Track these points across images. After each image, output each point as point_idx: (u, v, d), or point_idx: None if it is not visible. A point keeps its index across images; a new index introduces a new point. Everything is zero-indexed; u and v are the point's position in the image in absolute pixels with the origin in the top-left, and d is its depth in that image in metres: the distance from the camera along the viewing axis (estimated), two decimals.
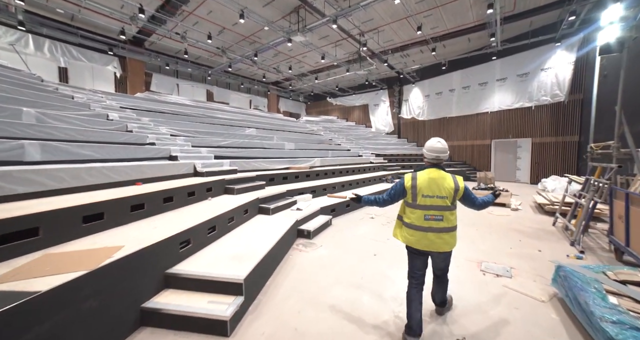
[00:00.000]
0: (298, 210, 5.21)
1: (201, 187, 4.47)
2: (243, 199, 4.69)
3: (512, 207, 6.66)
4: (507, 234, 4.75)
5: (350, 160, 11.82)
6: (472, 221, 5.65)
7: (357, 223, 5.58)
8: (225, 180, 5.26)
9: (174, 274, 2.44)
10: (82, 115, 5.63)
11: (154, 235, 2.53)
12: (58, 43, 11.25)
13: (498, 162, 13.61)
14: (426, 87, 16.57)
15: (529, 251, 3.89)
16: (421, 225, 2.07)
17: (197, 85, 16.54)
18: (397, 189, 2.21)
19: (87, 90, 8.90)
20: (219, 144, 7.98)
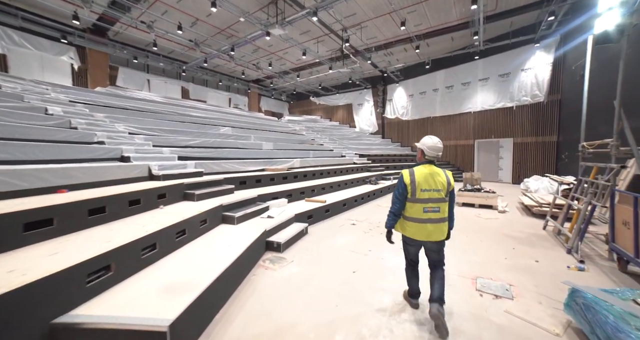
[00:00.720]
0: (269, 218, 4.57)
1: (150, 194, 3.73)
2: (204, 206, 4.00)
3: (500, 209, 6.36)
4: (499, 241, 4.35)
5: (332, 160, 11.28)
6: (461, 226, 5.24)
7: (336, 231, 5.00)
8: (185, 184, 4.52)
9: (66, 324, 1.72)
10: (7, 108, 4.69)
11: (44, 265, 1.82)
12: None
13: (481, 162, 13.58)
14: (410, 86, 16.39)
15: (526, 262, 3.47)
16: (420, 217, 2.22)
17: (171, 81, 15.43)
18: (400, 189, 2.29)
19: (28, 81, 7.79)
20: (187, 143, 7.18)
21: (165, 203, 4.03)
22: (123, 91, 10.92)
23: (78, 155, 4.35)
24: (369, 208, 7.18)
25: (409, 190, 2.23)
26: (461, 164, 14.47)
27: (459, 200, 7.24)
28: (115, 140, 5.48)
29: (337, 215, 6.27)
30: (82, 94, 8.24)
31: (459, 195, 7.25)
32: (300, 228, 4.62)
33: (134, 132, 6.61)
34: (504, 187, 10.75)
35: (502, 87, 12.32)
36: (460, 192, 7.25)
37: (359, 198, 7.53)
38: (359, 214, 6.46)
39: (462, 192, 7.19)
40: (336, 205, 6.36)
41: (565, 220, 4.53)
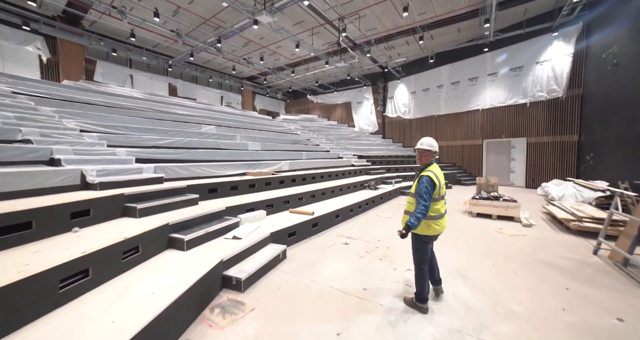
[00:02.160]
0: (234, 240, 3.51)
1: (58, 211, 2.68)
2: (145, 224, 2.96)
3: (524, 223, 5.29)
4: (540, 273, 3.27)
5: (328, 162, 10.24)
6: (483, 247, 4.18)
7: (323, 254, 3.94)
8: (127, 195, 3.47)
9: None
10: None
11: None
12: None
13: (491, 164, 12.50)
14: (412, 83, 15.34)
15: (601, 319, 2.32)
16: (443, 212, 2.45)
17: (157, 77, 14.40)
18: (431, 188, 2.34)
19: None
20: (155, 143, 6.14)
21: (93, 222, 2.98)
22: (96, 86, 9.90)
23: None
24: (366, 219, 6.12)
25: (437, 191, 2.36)
26: (468, 166, 13.39)
27: (472, 210, 6.19)
28: (50, 138, 4.44)
29: (327, 230, 5.20)
30: (37, 87, 7.20)
31: (472, 205, 6.20)
32: (276, 252, 3.56)
33: (87, 129, 5.57)
34: (518, 192, 9.68)
35: (514, 82, 11.25)
36: (473, 200, 6.18)
37: (356, 207, 6.46)
38: (355, 227, 5.40)
39: (476, 201, 6.13)
40: (327, 218, 5.29)
41: (638, 244, 3.44)
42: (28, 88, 6.88)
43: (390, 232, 5.08)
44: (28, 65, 10.69)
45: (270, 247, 3.71)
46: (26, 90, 6.71)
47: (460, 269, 3.35)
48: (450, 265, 3.48)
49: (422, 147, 2.56)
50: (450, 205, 7.71)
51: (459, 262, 3.60)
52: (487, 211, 5.93)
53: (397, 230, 2.37)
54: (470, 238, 4.65)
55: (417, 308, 2.49)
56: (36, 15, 10.10)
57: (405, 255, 3.83)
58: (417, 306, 2.49)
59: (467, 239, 4.58)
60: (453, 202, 8.08)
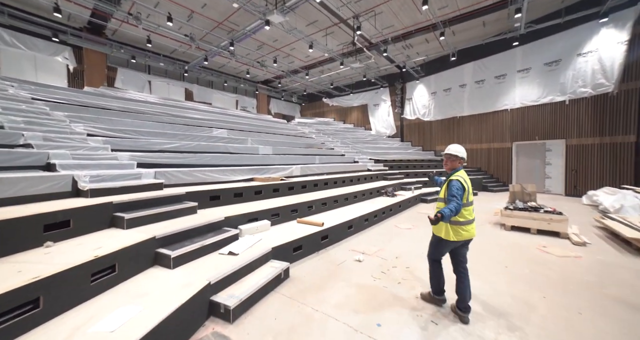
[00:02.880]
0: (230, 256, 3.10)
1: (32, 223, 2.39)
2: (130, 237, 2.63)
3: (574, 240, 4.44)
4: (621, 320, 2.47)
5: (342, 167, 9.73)
6: (524, 272, 3.46)
7: (332, 274, 3.42)
8: (115, 204, 3.18)
9: None
10: None
11: None
12: None
13: (521, 168, 11.36)
14: (432, 83, 14.50)
15: None
16: (473, 218, 2.47)
17: (174, 83, 14.69)
18: (462, 192, 2.37)
19: None
20: (162, 147, 5.95)
21: (73, 234, 2.69)
22: (114, 92, 10.12)
23: None
24: (383, 231, 5.52)
25: (466, 196, 2.39)
26: (495, 171, 12.29)
27: (506, 222, 5.40)
28: (52, 143, 4.31)
29: (338, 243, 4.67)
30: (57, 93, 7.35)
31: (505, 216, 5.41)
32: (276, 271, 3.09)
33: (95, 134, 5.48)
34: (557, 201, 8.58)
35: (549, 78, 10.15)
36: (507, 211, 5.39)
37: (371, 216, 5.88)
38: (370, 241, 4.82)
39: (510, 212, 5.33)
40: (338, 229, 4.77)
41: None
42: (47, 94, 7.02)
43: (410, 247, 4.46)
44: (57, 74, 11.22)
45: (271, 265, 3.25)
46: (45, 96, 6.83)
47: (499, 304, 2.69)
48: (484, 295, 2.84)
49: (448, 152, 2.63)
50: (478, 215, 6.89)
51: (496, 291, 2.94)
52: (524, 224, 5.12)
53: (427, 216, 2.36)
54: (507, 258, 3.93)
55: (435, 301, 2.65)
56: (64, 27, 10.59)
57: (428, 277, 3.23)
58: (435, 299, 2.65)
59: (504, 259, 3.87)
60: (481, 211, 7.25)
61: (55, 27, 10.31)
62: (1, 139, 3.95)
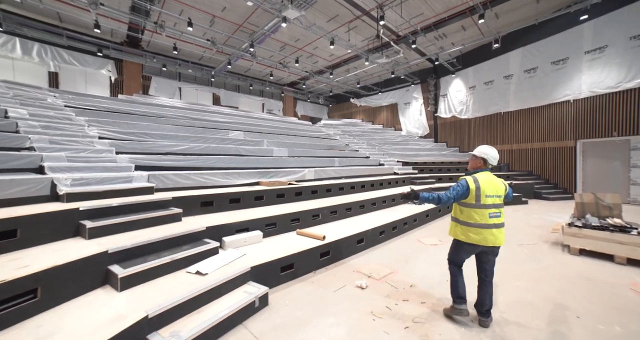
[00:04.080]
0: (197, 275, 2.60)
1: None
2: (85, 250, 2.29)
3: None
4: None
5: (364, 170, 8.93)
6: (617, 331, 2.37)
7: (322, 306, 2.73)
8: (84, 210, 2.92)
9: None
10: None
11: None
12: (48, 46, 10.66)
13: (590, 172, 9.29)
14: (470, 76, 12.88)
15: None
16: (487, 222, 2.29)
17: (202, 88, 15.27)
18: (461, 191, 2.32)
19: (44, 89, 7.67)
20: (170, 150, 5.84)
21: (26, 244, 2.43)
22: (144, 98, 10.67)
23: None
24: (401, 246, 4.63)
25: (473, 196, 2.30)
26: (552, 175, 10.31)
27: (572, 243, 4.13)
28: (57, 146, 4.33)
29: (342, 262, 3.93)
30: (90, 101, 7.82)
31: (570, 235, 4.14)
32: (249, 298, 2.50)
33: (106, 136, 5.55)
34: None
35: (636, 56, 8.08)
36: (574, 228, 4.11)
37: (389, 228, 5.01)
38: (382, 259, 4.00)
39: (577, 230, 4.06)
40: (345, 244, 4.04)
41: None
42: (80, 102, 7.49)
43: (431, 270, 3.55)
44: (102, 85, 12.31)
45: (246, 289, 2.67)
46: (77, 104, 7.28)
47: None
48: None
49: (472, 153, 2.61)
50: (528, 229, 5.57)
51: None
52: (603, 249, 3.81)
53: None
54: (579, 300, 2.80)
55: (455, 312, 2.42)
56: (108, 43, 11.56)
57: (449, 321, 2.37)
58: (454, 309, 2.43)
59: (573, 303, 2.76)
60: (533, 225, 5.88)
61: (101, 43, 11.31)
62: (9, 141, 4.05)
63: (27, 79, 10.24)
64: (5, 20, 9.57)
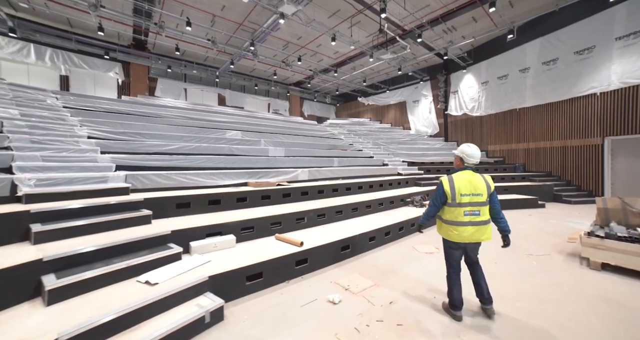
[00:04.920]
0: (146, 285, 2.36)
1: None
2: (19, 256, 2.12)
3: None
4: None
5: (365, 170, 8.55)
6: None
7: (284, 324, 2.41)
8: (35, 213, 2.76)
9: None
10: None
11: None
12: (59, 51, 11.02)
13: (620, 173, 8.38)
14: (483, 71, 12.11)
15: None
16: (462, 220, 2.34)
17: (207, 89, 15.36)
18: (438, 195, 2.44)
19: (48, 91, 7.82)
20: (159, 149, 5.73)
21: None
22: (147, 99, 10.77)
23: None
24: (393, 254, 4.22)
25: (449, 196, 2.36)
26: (574, 177, 9.43)
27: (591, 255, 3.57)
28: (37, 145, 4.28)
29: (321, 271, 3.58)
30: (90, 102, 7.92)
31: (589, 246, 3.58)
32: (198, 313, 2.23)
33: (95, 136, 5.50)
34: None
35: None
36: (594, 239, 3.54)
37: (381, 234, 4.61)
38: (367, 269, 3.63)
39: (598, 241, 3.49)
40: (326, 251, 3.70)
41: None
42: (78, 103, 7.55)
43: (419, 283, 3.15)
44: (109, 87, 12.61)
45: (199, 302, 2.40)
46: (75, 105, 7.34)
47: None
48: None
49: (455, 153, 2.59)
50: (540, 237, 4.97)
51: None
52: (633, 265, 3.23)
53: None
54: (599, 331, 2.27)
55: (450, 314, 2.46)
56: (114, 46, 11.83)
57: None
58: (450, 312, 2.47)
59: (592, 335, 2.26)
60: (549, 232, 5.28)
61: (108, 46, 11.59)
62: None
63: (40, 83, 10.64)
64: (20, 27, 9.95)
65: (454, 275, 2.51)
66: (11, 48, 10.21)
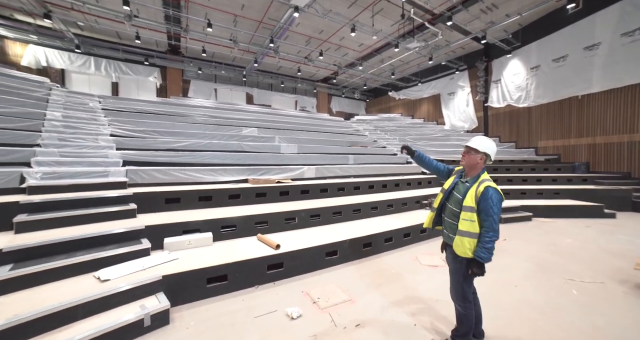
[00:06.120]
0: (96, 281, 2.33)
1: None
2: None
3: None
4: None
5: (384, 169, 8.01)
6: None
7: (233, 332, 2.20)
8: (24, 204, 2.98)
9: None
10: None
11: None
12: (111, 61, 12.43)
13: None
14: (533, 53, 10.35)
15: None
16: None
17: (236, 88, 15.96)
18: (499, 209, 1.78)
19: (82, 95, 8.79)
20: (170, 146, 5.97)
21: None
22: (177, 100, 11.51)
23: None
24: (389, 263, 3.71)
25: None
26: None
27: None
28: (62, 142, 4.75)
29: (298, 277, 3.26)
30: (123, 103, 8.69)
31: None
32: (135, 317, 2.11)
33: (117, 134, 5.96)
34: None
35: None
36: None
37: (380, 239, 4.10)
38: (350, 279, 3.21)
39: None
40: (307, 256, 3.37)
41: None
42: (115, 105, 8.36)
43: (401, 306, 2.64)
44: (150, 91, 13.88)
45: (144, 303, 2.30)
46: (111, 106, 8.15)
47: None
48: None
49: (468, 144, 1.99)
50: (596, 257, 3.93)
51: None
52: None
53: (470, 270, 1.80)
54: None
55: None
56: (153, 52, 12.93)
57: None
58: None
59: None
60: (607, 251, 4.18)
61: (148, 53, 12.70)
62: (23, 139, 4.54)
63: (97, 89, 12.22)
64: (83, 44, 11.46)
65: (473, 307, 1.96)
66: (78, 62, 11.85)
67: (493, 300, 2.69)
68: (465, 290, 1.88)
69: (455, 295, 1.94)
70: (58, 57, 11.59)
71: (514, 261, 3.83)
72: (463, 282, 1.87)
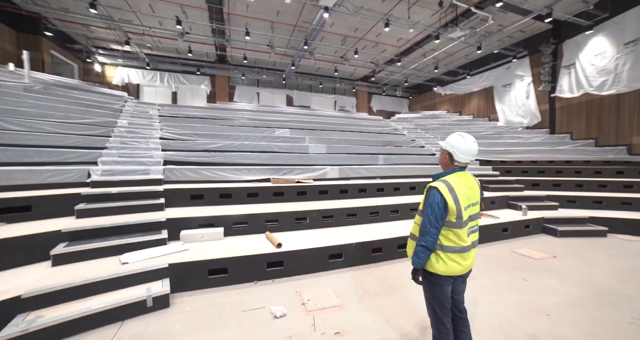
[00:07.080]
0: (118, 263, 2.74)
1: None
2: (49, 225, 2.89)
3: None
4: None
5: (415, 170, 7.51)
6: None
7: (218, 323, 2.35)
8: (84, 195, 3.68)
9: None
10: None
11: None
12: (172, 74, 14.35)
13: None
14: (628, 25, 8.33)
15: None
16: (467, 244, 1.61)
17: (276, 91, 16.75)
18: (439, 213, 1.53)
19: (146, 104, 10.26)
20: (206, 147, 6.61)
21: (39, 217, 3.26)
22: (222, 105, 12.60)
23: (46, 159, 4.48)
24: (395, 272, 3.48)
25: (453, 212, 1.54)
26: None
27: None
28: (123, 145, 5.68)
29: (298, 277, 3.28)
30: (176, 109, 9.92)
31: None
32: (139, 297, 2.42)
33: (165, 137, 6.86)
34: None
35: None
36: None
37: (391, 245, 3.86)
38: (349, 284, 3.11)
39: None
40: (309, 256, 3.38)
41: None
42: (169, 112, 9.60)
43: (401, 316, 2.44)
44: (201, 97, 15.55)
45: (150, 286, 2.61)
46: (165, 113, 9.38)
47: None
48: None
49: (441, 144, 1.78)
50: None
51: None
52: None
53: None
54: None
55: None
56: (204, 63, 14.47)
57: None
58: None
59: None
60: None
61: (200, 64, 14.27)
62: (97, 143, 5.55)
63: (161, 99, 14.25)
64: (152, 61, 13.52)
65: (449, 326, 1.66)
66: (148, 77, 14.03)
67: (509, 327, 2.29)
68: (435, 310, 1.62)
69: (428, 315, 1.71)
70: (134, 75, 13.90)
71: (558, 284, 3.18)
72: (432, 299, 1.63)
